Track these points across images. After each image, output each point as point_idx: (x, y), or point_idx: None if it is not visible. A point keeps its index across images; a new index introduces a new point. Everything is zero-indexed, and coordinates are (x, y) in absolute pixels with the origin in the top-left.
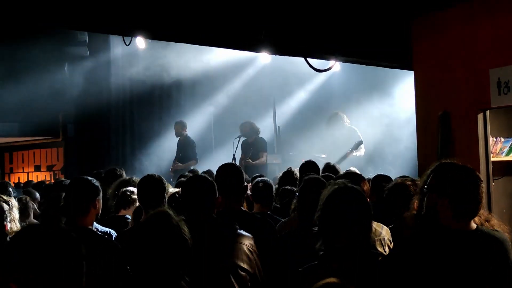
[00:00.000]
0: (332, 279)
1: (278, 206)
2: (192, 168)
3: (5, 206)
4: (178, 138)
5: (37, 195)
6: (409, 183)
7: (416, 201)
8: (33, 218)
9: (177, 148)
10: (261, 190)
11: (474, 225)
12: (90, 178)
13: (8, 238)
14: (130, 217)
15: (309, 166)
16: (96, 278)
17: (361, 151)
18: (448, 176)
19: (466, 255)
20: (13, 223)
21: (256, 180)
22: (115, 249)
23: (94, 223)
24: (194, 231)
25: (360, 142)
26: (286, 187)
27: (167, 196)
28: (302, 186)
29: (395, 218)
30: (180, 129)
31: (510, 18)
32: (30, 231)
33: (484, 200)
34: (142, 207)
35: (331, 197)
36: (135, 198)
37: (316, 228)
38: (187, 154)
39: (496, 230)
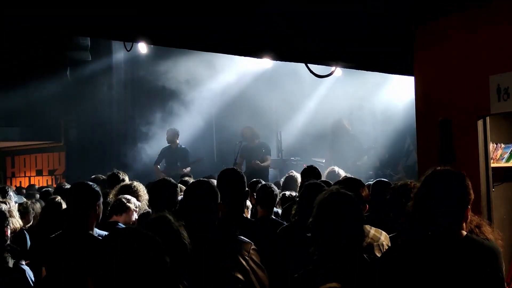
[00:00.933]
0: (333, 284)
1: (279, 211)
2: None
3: (4, 207)
4: (169, 145)
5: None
6: (413, 184)
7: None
8: (35, 222)
9: (168, 155)
10: (270, 195)
11: (463, 233)
12: (90, 183)
13: (8, 241)
14: (122, 224)
15: (310, 171)
16: (98, 280)
17: (363, 160)
18: (434, 184)
19: (453, 263)
20: (15, 220)
21: (264, 184)
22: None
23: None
24: (194, 237)
25: (371, 148)
26: (286, 193)
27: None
28: (302, 191)
29: (397, 222)
30: (174, 136)
31: (510, 25)
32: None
33: (484, 207)
34: (153, 211)
35: (323, 202)
36: (129, 207)
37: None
38: (187, 163)
39: (487, 239)
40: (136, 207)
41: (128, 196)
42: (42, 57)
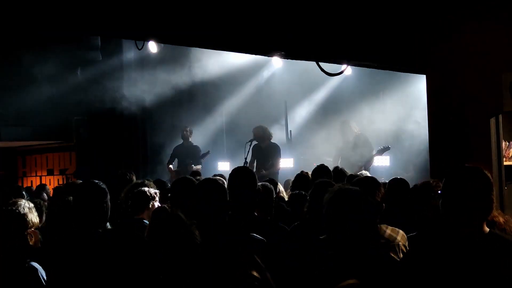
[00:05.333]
0: (352, 281)
1: (289, 210)
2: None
3: (23, 204)
4: (181, 144)
5: (45, 196)
6: (435, 183)
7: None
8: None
9: (180, 154)
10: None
11: (487, 229)
12: (96, 181)
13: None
14: (146, 221)
15: (321, 170)
16: (102, 278)
17: (370, 162)
18: (455, 181)
19: (478, 260)
20: (34, 217)
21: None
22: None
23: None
24: (206, 235)
25: (387, 148)
26: (296, 191)
27: None
28: (313, 190)
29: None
30: (190, 134)
31: None
32: None
33: (496, 205)
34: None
35: (330, 201)
36: (147, 202)
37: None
38: (198, 161)
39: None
40: (153, 197)
41: (144, 189)
42: (53, 57)
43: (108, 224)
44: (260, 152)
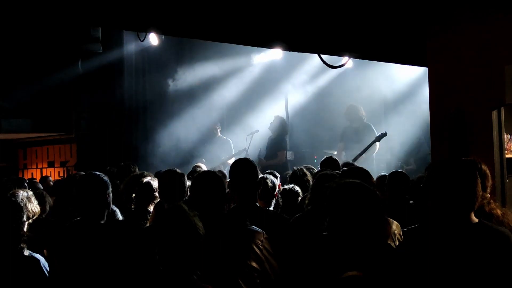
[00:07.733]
0: (353, 272)
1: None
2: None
3: (22, 194)
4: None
5: (40, 186)
6: None
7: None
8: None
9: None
10: (265, 187)
11: (475, 219)
12: (98, 173)
13: (25, 230)
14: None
15: (329, 162)
16: (107, 269)
17: (375, 148)
18: (442, 173)
19: (466, 249)
20: (34, 206)
21: (261, 176)
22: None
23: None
24: (206, 227)
25: (384, 134)
26: (288, 186)
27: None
28: (315, 181)
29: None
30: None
31: None
32: None
33: (498, 198)
34: (164, 202)
35: (331, 195)
36: (155, 197)
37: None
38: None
39: (500, 226)
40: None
41: (150, 181)
42: (53, 49)
43: (119, 215)
44: (269, 143)
